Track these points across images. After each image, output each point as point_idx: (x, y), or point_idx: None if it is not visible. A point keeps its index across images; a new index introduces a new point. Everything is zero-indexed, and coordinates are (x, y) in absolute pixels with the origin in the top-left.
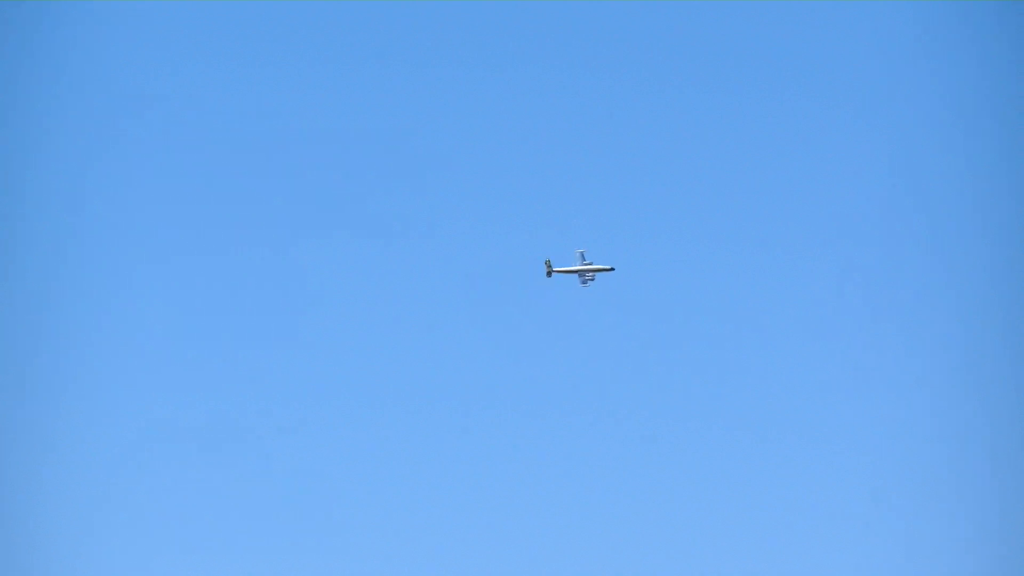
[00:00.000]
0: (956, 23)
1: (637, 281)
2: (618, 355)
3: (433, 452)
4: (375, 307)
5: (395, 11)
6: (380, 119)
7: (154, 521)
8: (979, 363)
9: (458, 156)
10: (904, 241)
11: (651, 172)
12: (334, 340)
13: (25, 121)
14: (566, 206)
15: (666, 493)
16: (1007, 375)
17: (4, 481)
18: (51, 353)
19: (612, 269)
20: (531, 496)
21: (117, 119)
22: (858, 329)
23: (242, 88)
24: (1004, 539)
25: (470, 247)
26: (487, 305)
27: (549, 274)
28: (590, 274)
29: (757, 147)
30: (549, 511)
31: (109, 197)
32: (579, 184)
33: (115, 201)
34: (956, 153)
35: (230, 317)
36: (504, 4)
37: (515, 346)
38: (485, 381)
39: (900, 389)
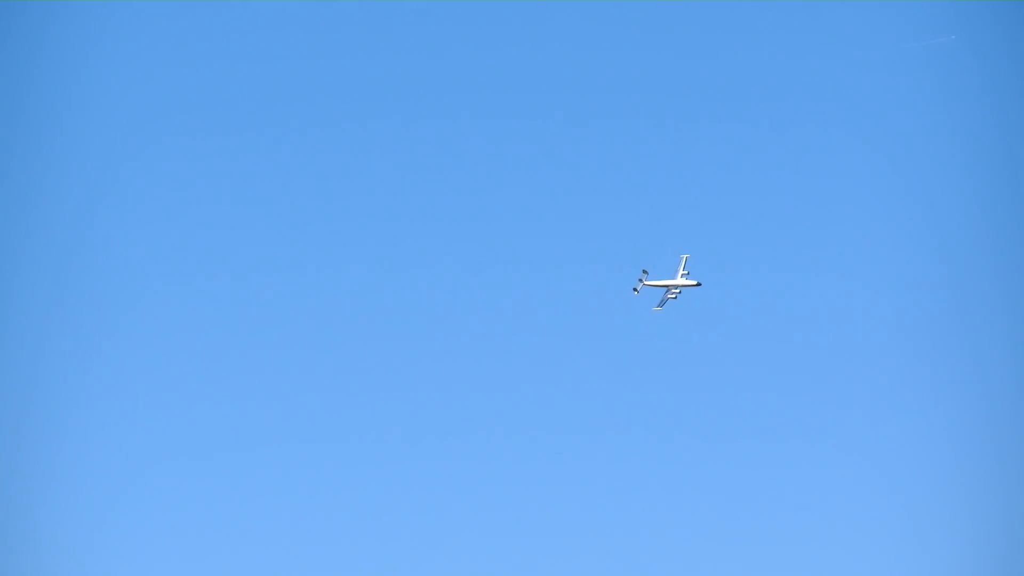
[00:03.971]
0: (955, 23)
1: (724, 297)
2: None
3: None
4: (453, 325)
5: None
6: (451, 135)
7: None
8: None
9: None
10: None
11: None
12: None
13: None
14: (661, 217)
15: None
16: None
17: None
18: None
19: (699, 284)
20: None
21: (117, 120)
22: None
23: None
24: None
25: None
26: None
27: (637, 290)
28: (674, 291)
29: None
30: (607, 530)
31: (113, 199)
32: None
33: (119, 203)
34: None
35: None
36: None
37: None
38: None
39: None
